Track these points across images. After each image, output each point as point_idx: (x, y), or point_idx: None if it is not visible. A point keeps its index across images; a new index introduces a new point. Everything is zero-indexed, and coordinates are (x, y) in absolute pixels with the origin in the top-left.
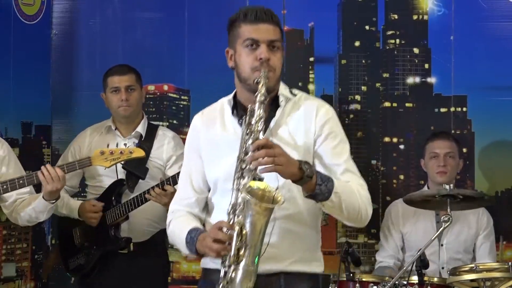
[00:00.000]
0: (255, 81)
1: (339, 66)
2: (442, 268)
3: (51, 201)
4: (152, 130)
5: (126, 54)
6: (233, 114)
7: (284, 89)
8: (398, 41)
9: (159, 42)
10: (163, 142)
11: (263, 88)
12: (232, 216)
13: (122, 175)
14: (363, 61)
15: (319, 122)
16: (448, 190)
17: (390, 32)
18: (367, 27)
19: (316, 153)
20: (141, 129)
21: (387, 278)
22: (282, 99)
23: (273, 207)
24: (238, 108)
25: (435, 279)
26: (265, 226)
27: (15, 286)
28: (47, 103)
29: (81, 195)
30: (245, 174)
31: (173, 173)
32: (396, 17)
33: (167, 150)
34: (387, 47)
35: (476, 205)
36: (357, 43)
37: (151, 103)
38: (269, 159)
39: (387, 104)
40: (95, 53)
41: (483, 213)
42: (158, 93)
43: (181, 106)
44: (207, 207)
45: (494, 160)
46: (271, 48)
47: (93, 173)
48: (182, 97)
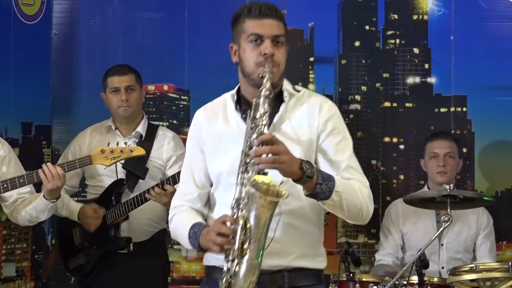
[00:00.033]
0: (259, 76)
1: (339, 66)
2: (442, 268)
3: (52, 200)
4: (152, 130)
5: (126, 54)
6: (236, 109)
7: (287, 85)
8: (398, 41)
9: (159, 42)
10: (163, 142)
11: (268, 82)
12: (236, 210)
13: (122, 175)
14: (363, 61)
15: (322, 117)
16: (448, 190)
17: (390, 32)
18: (367, 27)
19: (319, 148)
20: (141, 129)
21: (387, 278)
22: (286, 95)
23: (278, 200)
24: (241, 103)
25: (435, 279)
26: (269, 220)
27: (15, 286)
28: (47, 103)
29: (81, 195)
30: (249, 168)
31: (173, 173)
32: (396, 17)
33: (167, 150)
34: (387, 47)
35: (476, 205)
36: (357, 43)
37: (151, 103)
38: (271, 157)
39: (387, 104)
40: (95, 53)
41: (483, 213)
42: (158, 93)
43: (181, 106)
44: (209, 202)
45: (494, 160)
46: (275, 43)
47: (93, 173)
48: (182, 97)
